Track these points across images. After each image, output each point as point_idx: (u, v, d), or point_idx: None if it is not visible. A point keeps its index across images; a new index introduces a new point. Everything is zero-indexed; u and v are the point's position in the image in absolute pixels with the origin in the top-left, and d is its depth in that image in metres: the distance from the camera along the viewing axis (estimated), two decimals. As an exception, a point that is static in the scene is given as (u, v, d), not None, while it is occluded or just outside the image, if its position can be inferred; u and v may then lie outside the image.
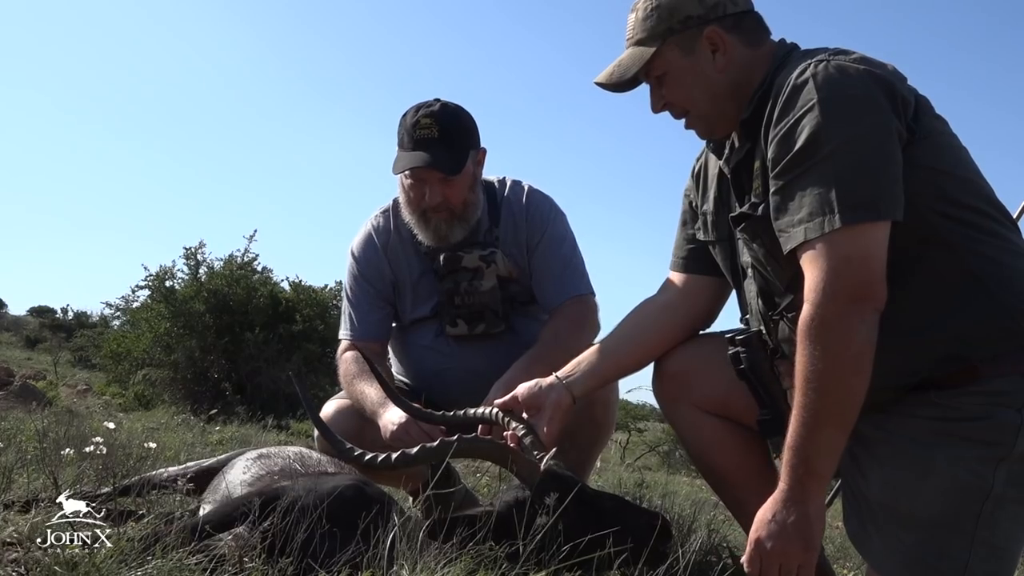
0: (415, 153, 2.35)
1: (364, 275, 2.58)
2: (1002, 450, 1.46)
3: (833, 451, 1.51)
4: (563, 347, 2.29)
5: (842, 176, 1.47)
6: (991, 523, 1.47)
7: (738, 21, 1.73)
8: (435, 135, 2.34)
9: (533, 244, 2.54)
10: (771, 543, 1.53)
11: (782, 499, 1.54)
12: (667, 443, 12.71)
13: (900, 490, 1.54)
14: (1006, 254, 1.55)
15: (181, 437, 4.36)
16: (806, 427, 1.49)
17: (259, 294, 9.18)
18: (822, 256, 1.47)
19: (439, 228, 2.44)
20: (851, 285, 1.46)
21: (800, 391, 1.50)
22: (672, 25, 1.72)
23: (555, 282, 2.51)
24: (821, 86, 1.50)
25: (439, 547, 1.49)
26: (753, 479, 1.98)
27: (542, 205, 2.59)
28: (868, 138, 1.48)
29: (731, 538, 2.70)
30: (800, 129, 1.51)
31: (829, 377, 1.47)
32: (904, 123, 1.52)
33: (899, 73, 1.58)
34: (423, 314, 2.57)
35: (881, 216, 1.47)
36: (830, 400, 1.47)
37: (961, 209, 1.54)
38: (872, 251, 1.46)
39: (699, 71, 1.73)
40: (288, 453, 2.11)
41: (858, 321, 1.45)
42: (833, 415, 1.48)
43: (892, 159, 1.49)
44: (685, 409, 2.03)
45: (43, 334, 22.07)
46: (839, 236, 1.46)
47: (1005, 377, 1.49)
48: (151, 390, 8.90)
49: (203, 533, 1.52)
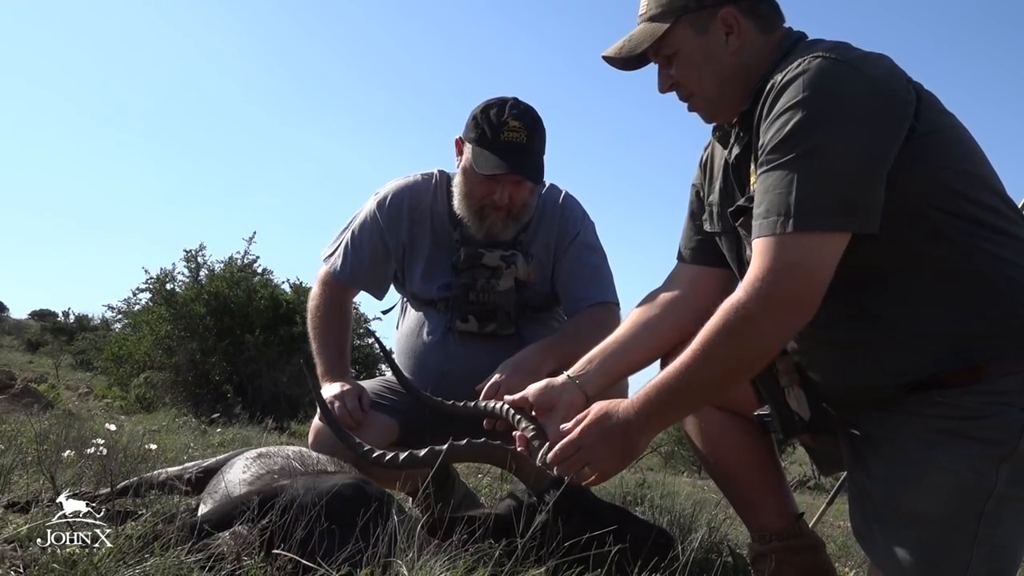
0: (505, 158, 2.33)
1: (382, 225, 2.57)
2: (1005, 448, 1.45)
3: (688, 409, 1.65)
4: (581, 342, 2.27)
5: (806, 179, 1.45)
6: (994, 522, 1.46)
7: (754, 5, 1.70)
8: (523, 140, 2.35)
9: (563, 246, 2.54)
10: (592, 446, 1.63)
11: (624, 419, 1.62)
12: (669, 444, 12.71)
13: (902, 488, 1.53)
14: (1014, 251, 1.53)
15: (182, 439, 4.37)
16: (680, 380, 1.56)
17: (259, 296, 9.20)
18: (768, 255, 1.48)
19: (494, 225, 2.44)
20: (788, 293, 1.47)
21: (693, 349, 1.55)
22: (688, 3, 1.69)
23: (582, 285, 2.51)
24: (808, 84, 1.48)
25: (438, 545, 1.49)
26: (756, 473, 1.98)
27: (576, 211, 2.60)
28: (843, 144, 1.45)
29: (731, 537, 2.69)
30: (781, 124, 1.49)
31: (724, 359, 1.53)
32: (900, 123, 1.49)
33: (898, 70, 1.54)
34: (431, 294, 2.56)
35: (838, 227, 1.45)
36: (712, 375, 1.54)
37: (967, 205, 1.52)
38: (819, 261, 1.46)
39: (711, 52, 1.70)
40: (288, 452, 2.11)
41: (781, 329, 1.50)
42: (706, 385, 1.57)
43: (868, 168, 1.45)
44: None
45: (44, 337, 22.10)
46: (789, 240, 1.46)
47: (1010, 376, 1.48)
48: (152, 393, 8.92)
49: (202, 532, 1.52)
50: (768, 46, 1.69)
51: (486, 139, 2.36)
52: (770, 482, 2.00)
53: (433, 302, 2.58)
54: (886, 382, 1.56)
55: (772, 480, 2.01)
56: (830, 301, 1.58)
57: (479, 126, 2.38)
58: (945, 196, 1.52)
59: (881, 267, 1.54)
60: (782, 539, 1.95)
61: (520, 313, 2.54)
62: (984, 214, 1.53)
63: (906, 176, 1.48)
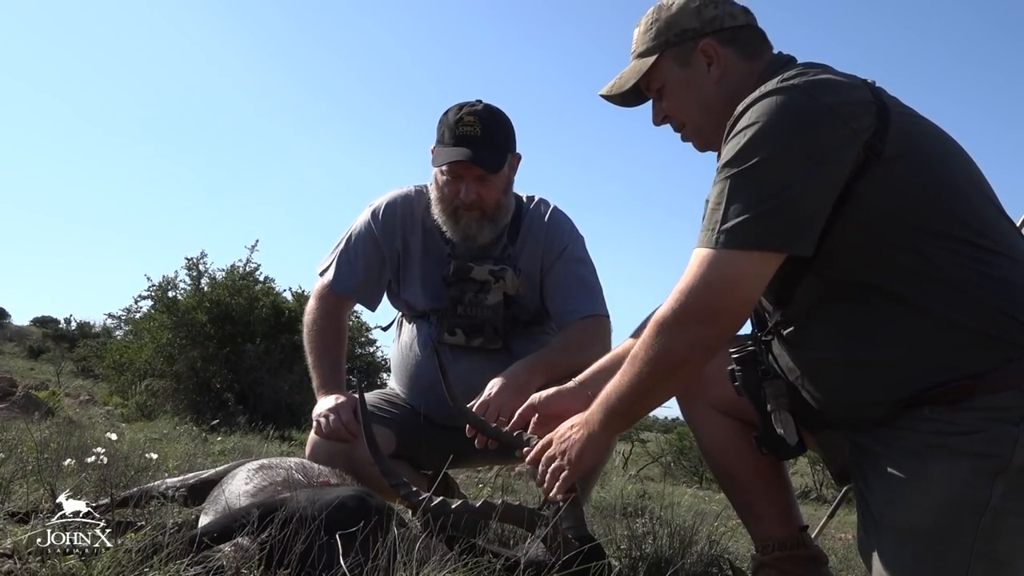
0: (457, 148, 2.37)
1: (376, 234, 2.59)
2: (999, 463, 1.45)
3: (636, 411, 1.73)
4: (569, 356, 2.28)
5: (738, 197, 1.49)
6: (990, 536, 1.46)
7: (735, 34, 1.76)
8: (478, 133, 2.38)
9: (551, 260, 2.55)
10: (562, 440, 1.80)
11: (588, 417, 1.77)
12: (669, 454, 12.67)
13: (898, 501, 1.53)
14: (997, 267, 1.53)
15: (183, 447, 4.37)
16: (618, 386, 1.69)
17: (261, 304, 9.19)
18: (691, 268, 1.54)
19: (468, 227, 2.46)
20: (702, 307, 1.52)
21: (630, 358, 1.66)
22: (669, 38, 1.78)
23: (571, 299, 2.51)
24: (760, 109, 1.52)
25: (439, 558, 1.49)
26: (762, 481, 1.98)
27: (564, 224, 2.61)
28: (781, 166, 1.48)
29: (732, 550, 2.69)
30: (732, 144, 1.54)
31: (646, 368, 1.62)
32: (845, 149, 1.49)
33: (856, 95, 1.54)
34: (422, 304, 2.58)
35: (762, 246, 1.48)
36: (638, 381, 1.64)
37: (944, 224, 1.52)
38: (737, 279, 1.50)
39: (695, 83, 1.77)
40: (290, 463, 2.11)
41: (691, 339, 1.55)
42: (641, 392, 1.66)
43: (804, 191, 1.47)
44: (701, 407, 2.04)
45: (46, 344, 22.11)
46: (713, 256, 1.50)
47: (1001, 393, 1.48)
48: (153, 400, 8.91)
49: (201, 544, 1.52)
50: (753, 72, 1.73)
51: (443, 138, 2.43)
52: (776, 490, 2.00)
53: (425, 314, 2.59)
54: (881, 399, 1.56)
55: (778, 489, 2.01)
56: (824, 322, 1.60)
57: (440, 128, 2.45)
58: (919, 216, 1.52)
59: (869, 286, 1.55)
60: (785, 549, 1.95)
61: (510, 327, 2.54)
62: (963, 231, 1.53)
63: (878, 198, 1.50)
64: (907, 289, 1.53)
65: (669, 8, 1.80)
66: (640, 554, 2.29)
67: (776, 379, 1.73)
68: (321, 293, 2.62)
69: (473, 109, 2.41)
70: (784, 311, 1.68)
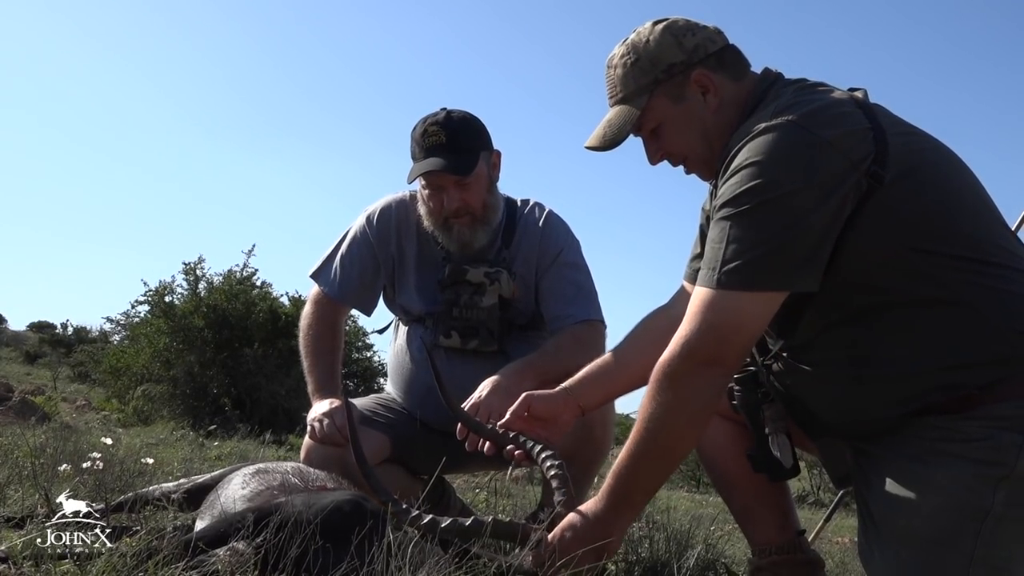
0: (427, 160, 2.38)
1: (372, 239, 2.60)
2: (1003, 469, 1.45)
3: (651, 488, 1.66)
4: (561, 361, 2.28)
5: (737, 239, 1.49)
6: (991, 542, 1.46)
7: (720, 59, 1.73)
8: (443, 140, 2.38)
9: (545, 265, 2.55)
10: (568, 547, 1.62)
11: (594, 517, 1.64)
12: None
13: (899, 506, 1.53)
14: (1000, 280, 1.53)
15: (180, 452, 4.36)
16: (633, 460, 1.60)
17: (258, 309, 9.17)
18: (694, 310, 1.54)
19: (462, 234, 2.46)
20: (708, 349, 1.52)
21: (637, 426, 1.59)
22: (657, 76, 1.71)
23: (565, 304, 2.51)
24: (756, 146, 1.50)
25: (435, 562, 1.49)
26: (760, 486, 1.97)
27: (558, 229, 2.61)
28: (784, 206, 1.47)
29: (728, 554, 2.68)
30: (733, 182, 1.52)
31: (663, 424, 1.56)
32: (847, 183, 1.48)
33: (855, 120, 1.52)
34: (418, 308, 2.58)
35: (765, 286, 1.49)
36: (659, 444, 1.58)
37: (946, 243, 1.52)
38: (741, 321, 1.50)
39: (693, 116, 1.72)
40: (287, 468, 2.11)
41: (704, 384, 1.54)
42: (658, 457, 1.60)
43: (808, 230, 1.47)
44: None
45: (43, 349, 22.02)
46: (714, 297, 1.50)
47: (1005, 403, 1.48)
48: (150, 405, 8.88)
49: (196, 549, 1.52)
50: (742, 93, 1.72)
51: (414, 154, 2.44)
52: (773, 495, 2.00)
53: (420, 318, 2.60)
54: (885, 414, 1.57)
55: (775, 493, 2.00)
56: (826, 340, 1.59)
57: (411, 145, 2.46)
58: (922, 237, 1.52)
59: (872, 307, 1.55)
60: (781, 553, 1.95)
61: (506, 331, 2.54)
62: (965, 248, 1.53)
63: (883, 224, 1.50)
64: (914, 310, 1.53)
65: (647, 45, 1.72)
66: (636, 558, 2.28)
67: (775, 403, 1.72)
68: (317, 298, 2.63)
69: (435, 119, 2.42)
70: (788, 339, 1.67)
